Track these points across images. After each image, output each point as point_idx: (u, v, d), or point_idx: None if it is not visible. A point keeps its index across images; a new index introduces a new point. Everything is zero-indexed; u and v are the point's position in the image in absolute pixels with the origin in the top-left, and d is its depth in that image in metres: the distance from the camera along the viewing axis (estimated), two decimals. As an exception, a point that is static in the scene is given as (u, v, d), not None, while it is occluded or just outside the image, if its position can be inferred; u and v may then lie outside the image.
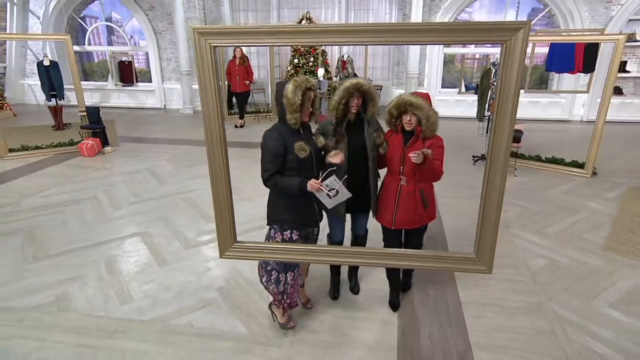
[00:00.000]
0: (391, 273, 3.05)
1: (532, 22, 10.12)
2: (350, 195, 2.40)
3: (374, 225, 3.00)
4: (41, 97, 10.69)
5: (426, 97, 2.64)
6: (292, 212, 2.51)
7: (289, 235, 2.56)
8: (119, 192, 5.38)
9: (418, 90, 3.32)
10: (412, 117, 2.55)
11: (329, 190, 2.32)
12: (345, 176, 2.48)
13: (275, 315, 2.84)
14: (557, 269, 3.60)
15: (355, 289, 3.24)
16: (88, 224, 4.45)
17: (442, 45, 10.31)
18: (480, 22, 1.31)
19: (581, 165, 5.97)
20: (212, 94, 1.65)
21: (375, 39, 1.42)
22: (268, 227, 2.65)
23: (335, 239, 3.00)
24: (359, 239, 3.07)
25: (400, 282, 3.13)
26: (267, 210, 2.62)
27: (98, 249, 3.94)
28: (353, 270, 3.29)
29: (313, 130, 2.65)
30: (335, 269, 3.24)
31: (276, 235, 2.58)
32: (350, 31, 1.46)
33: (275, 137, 2.39)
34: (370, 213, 2.92)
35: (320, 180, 2.36)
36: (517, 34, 1.29)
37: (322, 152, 2.60)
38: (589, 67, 6.47)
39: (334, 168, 2.40)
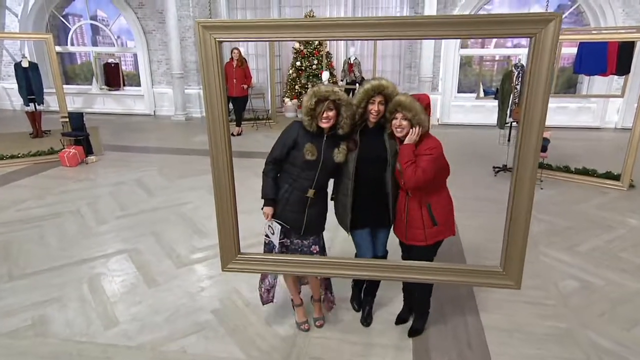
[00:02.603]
0: (406, 289, 3.09)
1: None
2: (276, 248, 2.80)
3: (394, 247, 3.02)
4: (18, 101, 10.85)
5: (423, 97, 2.62)
6: (281, 199, 2.77)
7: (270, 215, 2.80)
8: (104, 205, 5.42)
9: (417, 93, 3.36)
10: (402, 120, 2.53)
11: (268, 227, 2.78)
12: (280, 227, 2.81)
13: (295, 314, 3.17)
14: (591, 292, 3.58)
15: (367, 319, 3.19)
16: (69, 240, 4.47)
17: (458, 47, 10.40)
18: (505, 13, 1.34)
19: (616, 177, 5.96)
20: (218, 94, 1.68)
21: (390, 33, 1.45)
22: None
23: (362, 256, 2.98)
24: None
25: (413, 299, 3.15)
26: None
27: (80, 267, 3.95)
28: (369, 297, 3.25)
29: None
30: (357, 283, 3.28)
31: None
32: (361, 25, 1.49)
33: (293, 127, 2.71)
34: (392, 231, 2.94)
35: (271, 218, 2.76)
36: (548, 27, 1.30)
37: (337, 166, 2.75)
38: (623, 68, 6.49)
39: (287, 227, 2.79)
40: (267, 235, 2.82)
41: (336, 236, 4.19)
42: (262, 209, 2.78)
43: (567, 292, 3.57)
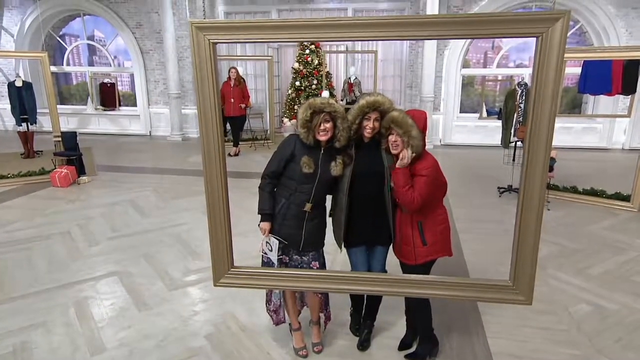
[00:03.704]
0: (409, 311, 3.03)
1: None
2: (275, 265, 2.77)
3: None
4: (10, 122, 10.88)
5: (418, 115, 2.63)
6: (278, 215, 2.77)
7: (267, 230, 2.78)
8: (96, 226, 5.36)
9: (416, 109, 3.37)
10: (398, 137, 2.53)
11: (266, 244, 2.76)
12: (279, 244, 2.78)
13: (293, 338, 3.08)
14: (606, 317, 3.49)
15: (364, 344, 3.10)
16: (58, 263, 4.40)
17: (460, 66, 10.50)
18: (510, 12, 1.33)
19: (626, 198, 5.92)
20: (211, 98, 1.65)
21: (392, 33, 1.43)
22: None
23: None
24: None
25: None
26: None
27: (68, 291, 3.87)
28: (368, 321, 3.17)
29: None
30: (356, 302, 3.20)
31: None
32: (362, 24, 1.47)
33: (290, 140, 2.75)
34: (390, 249, 2.90)
35: (269, 233, 2.75)
36: (555, 25, 1.29)
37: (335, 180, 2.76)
38: (629, 88, 6.54)
39: (285, 243, 2.77)
40: (264, 252, 2.79)
41: (337, 257, 4.12)
42: (258, 225, 2.75)
43: (579, 317, 3.49)
